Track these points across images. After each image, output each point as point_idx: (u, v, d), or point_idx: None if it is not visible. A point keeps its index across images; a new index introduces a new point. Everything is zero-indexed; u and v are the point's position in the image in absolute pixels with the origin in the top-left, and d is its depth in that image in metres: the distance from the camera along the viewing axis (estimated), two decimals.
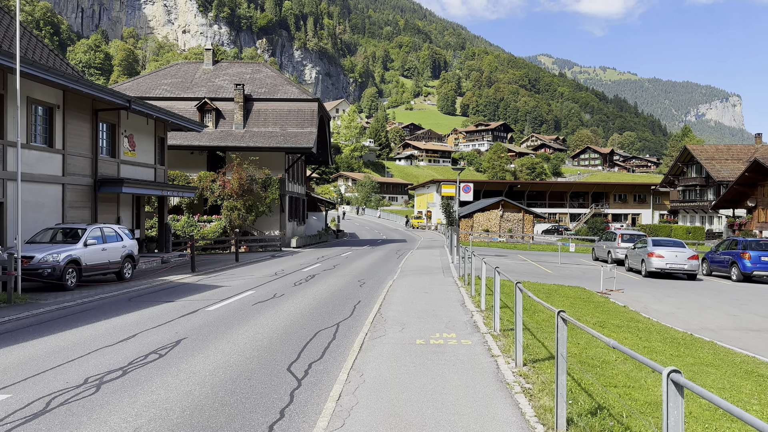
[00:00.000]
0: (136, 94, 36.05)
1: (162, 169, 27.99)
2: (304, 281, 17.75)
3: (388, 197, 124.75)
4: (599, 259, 30.22)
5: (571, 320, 4.76)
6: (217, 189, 33.88)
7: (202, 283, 17.62)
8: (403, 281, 17.28)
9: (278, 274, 20.04)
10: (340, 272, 20.90)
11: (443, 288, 15.49)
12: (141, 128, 26.00)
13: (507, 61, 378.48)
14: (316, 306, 12.81)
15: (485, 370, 7.15)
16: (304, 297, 14.28)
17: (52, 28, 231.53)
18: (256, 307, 12.77)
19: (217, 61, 42.37)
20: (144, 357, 8.30)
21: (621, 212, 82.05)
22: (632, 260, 24.35)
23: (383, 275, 19.82)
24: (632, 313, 13.64)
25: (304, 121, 37.16)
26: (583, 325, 4.55)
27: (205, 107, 37.15)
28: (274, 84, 39.37)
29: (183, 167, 36.25)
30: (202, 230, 33.92)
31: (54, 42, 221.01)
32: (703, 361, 8.85)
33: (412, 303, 12.78)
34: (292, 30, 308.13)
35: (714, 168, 66.27)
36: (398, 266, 23.10)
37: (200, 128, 29.11)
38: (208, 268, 22.42)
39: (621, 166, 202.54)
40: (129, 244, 19.31)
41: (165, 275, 19.95)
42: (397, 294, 14.28)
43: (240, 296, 14.50)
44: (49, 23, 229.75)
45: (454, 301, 13.14)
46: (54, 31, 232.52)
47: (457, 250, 23.83)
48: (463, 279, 17.01)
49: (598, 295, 16.18)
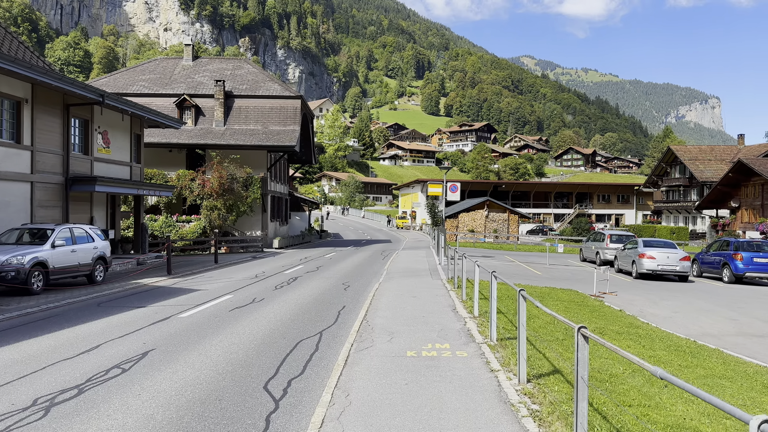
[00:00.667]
0: (113, 90, 34.91)
1: (138, 167, 26.97)
2: (285, 284, 16.93)
3: (372, 197, 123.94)
4: (587, 260, 29.74)
5: (599, 340, 4.05)
6: (197, 188, 32.89)
7: (177, 287, 16.73)
8: (390, 284, 16.54)
9: (259, 277, 19.19)
10: (323, 274, 20.10)
11: (432, 292, 14.78)
12: (116, 125, 24.97)
13: (490, 62, 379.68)
14: (298, 312, 12.02)
15: (485, 388, 6.43)
16: (286, 302, 13.48)
17: (30, 24, 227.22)
18: (234, 313, 11.94)
19: (197, 56, 41.30)
20: (105, 372, 7.46)
21: (605, 212, 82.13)
22: (622, 261, 23.85)
23: (369, 278, 19.07)
24: (629, 317, 13.03)
25: (287, 119, 36.28)
26: (616, 348, 3.84)
27: (184, 104, 36.10)
28: (255, 81, 38.42)
29: (161, 166, 35.19)
30: (180, 231, 32.90)
31: (32, 39, 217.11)
32: (715, 373, 8.22)
33: (400, 308, 12.04)
34: (276, 29, 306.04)
35: (697, 168, 66.46)
36: (384, 268, 22.36)
37: (178, 125, 28.12)
38: (185, 270, 21.50)
39: (603, 167, 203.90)
40: (101, 245, 18.36)
41: (139, 278, 19.01)
42: (384, 298, 13.53)
43: (217, 301, 13.65)
44: (27, 20, 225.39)
45: (444, 306, 12.42)
46: (32, 28, 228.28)
47: (444, 252, 23.15)
48: (453, 282, 16.31)
49: (591, 298, 15.57)
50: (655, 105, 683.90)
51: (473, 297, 11.48)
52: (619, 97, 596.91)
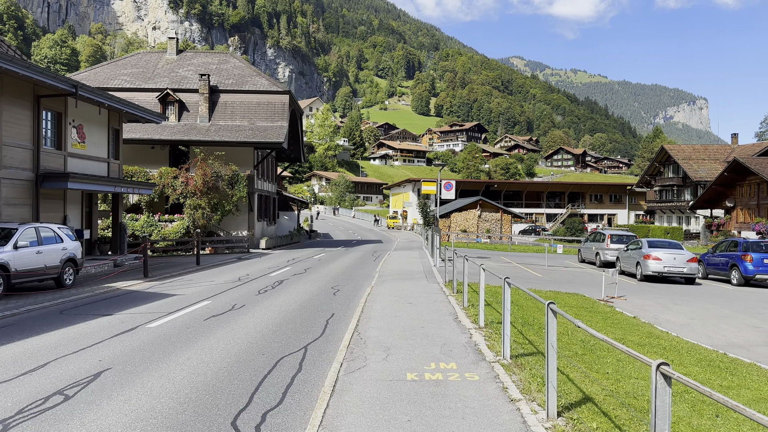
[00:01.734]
0: (93, 84, 33.40)
1: (116, 163, 25.56)
2: (270, 288, 15.65)
3: (363, 197, 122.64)
4: (586, 261, 28.67)
5: (694, 384, 2.85)
6: (180, 186, 31.50)
7: (152, 291, 15.41)
8: (383, 288, 15.29)
9: (242, 280, 17.90)
10: (311, 277, 18.84)
11: (429, 297, 13.56)
12: (92, 118, 23.56)
13: (480, 63, 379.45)
14: (281, 321, 10.75)
15: (508, 426, 5.19)
16: (269, 309, 12.21)
17: (16, 22, 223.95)
18: (210, 322, 10.67)
19: (181, 50, 39.86)
20: (43, 400, 6.18)
21: (597, 212, 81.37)
22: (625, 263, 22.75)
23: (360, 281, 17.83)
24: (646, 325, 11.89)
25: (275, 115, 34.96)
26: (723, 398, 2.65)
27: (167, 99, 34.68)
28: (242, 75, 37.06)
29: (143, 163, 33.76)
30: (163, 231, 31.49)
31: (18, 37, 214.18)
32: (765, 395, 7.06)
33: (395, 317, 10.79)
34: (265, 28, 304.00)
35: (691, 168, 65.77)
36: (376, 270, 21.12)
37: (159, 119, 26.73)
38: (163, 273, 20.16)
39: (593, 167, 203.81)
40: (71, 246, 17.00)
41: (113, 281, 17.68)
42: (377, 305, 12.28)
43: (192, 308, 12.36)
44: (13, 17, 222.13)
45: (445, 314, 11.19)
46: (18, 26, 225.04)
47: (439, 252, 21.96)
48: (452, 286, 15.08)
49: (601, 303, 14.42)
50: (643, 106, 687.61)
51: (477, 304, 10.28)
52: (608, 98, 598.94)
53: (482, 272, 9.67)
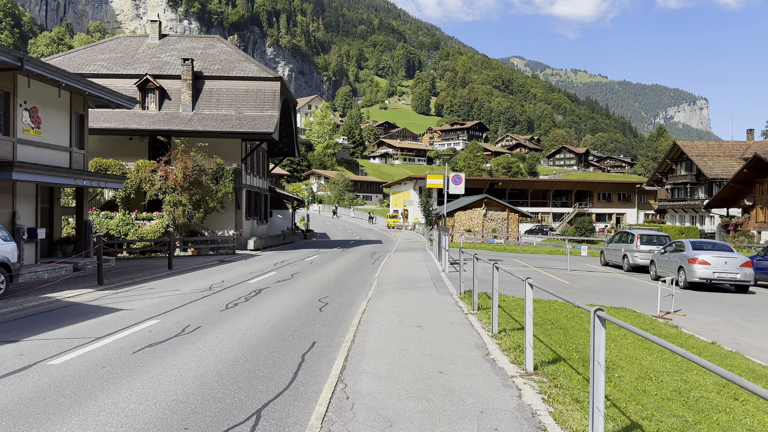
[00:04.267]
0: (69, 69, 30.35)
1: (80, 153, 22.49)
2: (242, 301, 12.59)
3: (362, 196, 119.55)
4: (610, 264, 25.63)
5: None
6: (158, 181, 28.46)
7: (96, 304, 12.37)
8: (382, 302, 12.17)
9: (213, 289, 14.84)
10: (297, 285, 15.78)
11: (443, 316, 10.45)
12: (50, 101, 20.50)
13: (481, 62, 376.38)
14: (237, 357, 7.64)
15: None
16: (228, 334, 9.12)
17: (12, 20, 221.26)
18: (138, 357, 7.62)
19: (164, 35, 36.80)
20: None
21: (605, 212, 78.30)
22: (662, 267, 19.70)
23: (354, 290, 14.76)
24: (734, 356, 8.86)
25: (264, 103, 31.91)
26: None
27: (146, 85, 31.64)
28: (229, 60, 33.99)
29: (120, 156, 30.76)
30: (140, 230, 28.43)
31: (15, 35, 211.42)
32: None
33: (399, 352, 7.66)
34: (265, 26, 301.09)
35: (706, 165, 62.71)
36: (374, 276, 18.03)
37: (130, 104, 23.63)
38: (125, 279, 17.13)
39: (596, 166, 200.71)
40: (5, 249, 14.00)
41: (60, 289, 14.65)
42: (375, 329, 9.17)
43: (130, 331, 9.32)
44: (9, 15, 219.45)
45: (469, 346, 8.02)
46: (15, 23, 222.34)
47: (447, 255, 18.89)
48: (469, 299, 12.00)
49: (659, 322, 11.39)
50: (643, 106, 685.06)
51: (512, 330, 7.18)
52: (608, 98, 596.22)
53: (528, 289, 6.58)
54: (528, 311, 6.43)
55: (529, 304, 6.50)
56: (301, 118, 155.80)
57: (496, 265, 8.35)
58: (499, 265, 8.81)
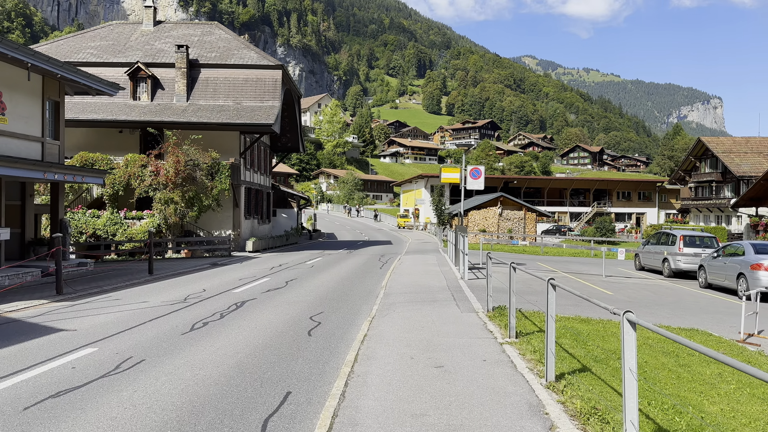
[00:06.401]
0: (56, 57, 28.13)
1: (55, 144, 20.18)
2: (215, 319, 10.13)
3: (373, 195, 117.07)
4: (646, 268, 22.95)
5: None
6: (148, 176, 26.13)
7: (35, 321, 9.97)
8: (389, 324, 9.48)
9: (188, 300, 12.40)
10: (290, 295, 13.30)
11: (471, 348, 7.63)
12: (18, 85, 18.18)
13: (492, 61, 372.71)
14: (168, 422, 5.14)
15: None
16: (171, 376, 6.53)
17: (24, 20, 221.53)
18: (26, 419, 5.15)
19: (159, 21, 34.50)
20: None
21: (624, 211, 75.23)
22: (715, 274, 17.03)
23: (356, 303, 12.24)
24: None
25: (265, 94, 29.52)
26: None
27: (138, 74, 29.36)
28: (227, 48, 31.62)
29: (109, 150, 28.49)
30: (129, 230, 26.13)
31: (26, 34, 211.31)
32: None
33: (413, 422, 4.99)
34: (276, 26, 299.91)
35: (733, 162, 59.58)
36: (381, 284, 15.49)
37: (112, 90, 21.26)
38: (93, 287, 14.77)
39: (611, 165, 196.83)
40: None
41: (9, 300, 12.30)
42: (376, 371, 6.50)
43: (44, 368, 6.87)
44: (21, 15, 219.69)
45: (518, 409, 5.27)
46: (26, 23, 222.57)
47: (466, 260, 16.32)
48: (502, 319, 9.40)
49: (751, 349, 8.78)
50: (656, 105, 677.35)
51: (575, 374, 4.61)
52: (620, 97, 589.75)
53: (629, 329, 3.99)
54: (629, 367, 3.84)
55: (630, 357, 3.89)
56: (311, 117, 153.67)
57: (552, 281, 5.78)
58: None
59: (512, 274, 7.82)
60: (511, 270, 7.72)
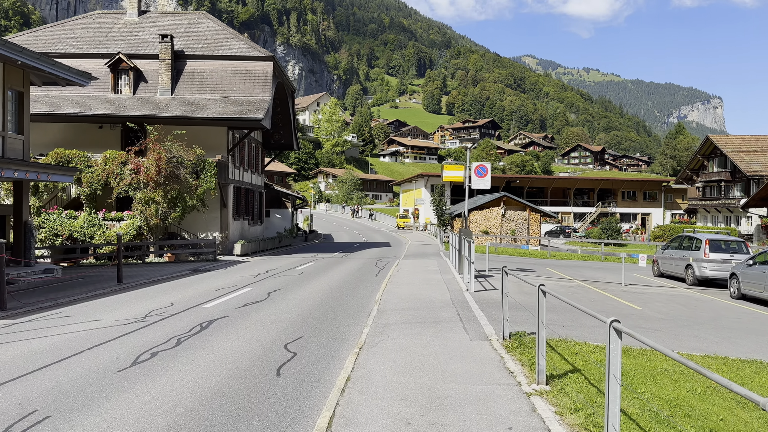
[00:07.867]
0: (32, 49, 26.27)
1: (18, 139, 18.31)
2: (168, 348, 8.27)
3: (372, 195, 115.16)
4: (665, 274, 21.12)
5: None
6: (128, 175, 24.28)
7: None
8: (380, 360, 7.36)
9: (148, 319, 10.55)
10: (267, 312, 11.45)
11: (488, 406, 5.56)
12: None
13: (492, 61, 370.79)
14: None
15: None
16: None
17: (21, 18, 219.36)
18: None
19: (144, 11, 32.63)
20: None
21: (630, 211, 73.38)
22: (751, 284, 15.17)
23: (343, 324, 10.36)
24: None
25: (255, 87, 27.68)
26: None
27: (119, 66, 27.50)
28: (215, 38, 29.76)
29: (88, 146, 26.66)
30: (108, 232, 24.26)
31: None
32: None
33: None
34: (275, 25, 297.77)
35: (743, 161, 57.71)
36: (375, 297, 13.61)
37: (84, 81, 19.40)
38: (46, 300, 12.91)
39: (612, 165, 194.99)
40: None
41: None
42: None
43: None
44: (18, 13, 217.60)
45: None
46: (24, 21, 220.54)
47: (472, 269, 14.44)
48: (521, 351, 7.53)
49: None
50: (657, 105, 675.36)
51: None
52: (621, 97, 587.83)
53: None
54: None
55: None
56: (310, 116, 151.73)
57: (615, 325, 3.91)
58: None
59: (541, 298, 5.94)
60: (540, 294, 5.85)
